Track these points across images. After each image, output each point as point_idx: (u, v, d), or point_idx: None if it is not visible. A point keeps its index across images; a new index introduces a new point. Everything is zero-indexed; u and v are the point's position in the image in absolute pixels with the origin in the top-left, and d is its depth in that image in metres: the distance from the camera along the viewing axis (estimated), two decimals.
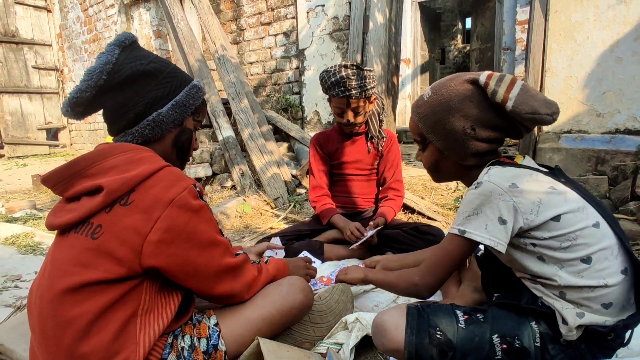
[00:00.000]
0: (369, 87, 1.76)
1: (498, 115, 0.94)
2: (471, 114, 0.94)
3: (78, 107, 0.92)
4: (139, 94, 0.94)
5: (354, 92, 1.74)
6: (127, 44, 0.95)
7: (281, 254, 1.60)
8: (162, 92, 0.97)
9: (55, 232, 0.92)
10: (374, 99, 1.86)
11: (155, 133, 0.96)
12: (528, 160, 0.99)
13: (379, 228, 1.77)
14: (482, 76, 0.92)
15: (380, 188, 2.05)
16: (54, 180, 0.88)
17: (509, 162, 0.98)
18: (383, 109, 1.96)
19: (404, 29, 5.88)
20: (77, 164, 0.87)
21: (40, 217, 2.98)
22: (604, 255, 0.87)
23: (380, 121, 1.95)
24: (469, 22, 10.12)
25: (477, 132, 0.94)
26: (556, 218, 0.87)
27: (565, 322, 0.88)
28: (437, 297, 1.45)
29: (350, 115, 1.82)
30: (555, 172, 0.97)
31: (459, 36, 11.22)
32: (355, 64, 1.75)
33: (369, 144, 1.96)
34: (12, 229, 2.59)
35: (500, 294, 1.04)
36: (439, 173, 1.08)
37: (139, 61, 0.94)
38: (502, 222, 0.88)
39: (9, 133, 7.15)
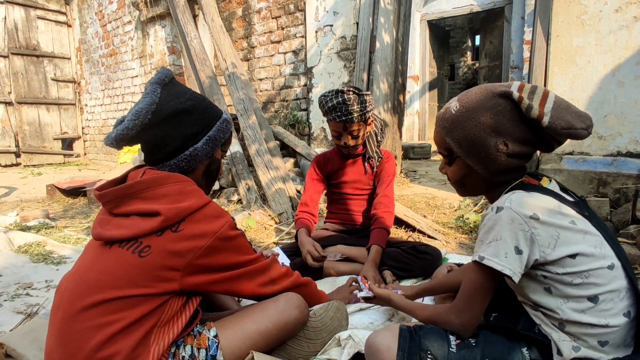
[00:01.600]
0: (365, 111, 1.79)
1: (531, 129, 0.91)
2: (504, 130, 0.90)
3: (122, 142, 1.01)
4: (177, 129, 1.04)
5: (350, 116, 1.78)
6: (167, 82, 1.06)
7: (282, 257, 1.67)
8: (198, 128, 1.07)
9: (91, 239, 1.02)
10: (372, 121, 1.91)
11: (190, 165, 1.07)
12: (554, 185, 0.97)
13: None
14: (514, 89, 0.89)
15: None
16: (110, 197, 0.97)
17: (534, 184, 0.96)
18: (382, 129, 2.01)
19: (413, 46, 5.98)
20: (134, 187, 0.96)
21: (53, 227, 3.08)
22: (611, 297, 0.87)
23: (379, 142, 2.00)
24: (478, 39, 10.22)
25: (510, 147, 0.91)
26: (572, 255, 0.86)
27: (560, 353, 0.89)
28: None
29: (347, 138, 1.87)
30: (579, 204, 0.94)
31: (469, 53, 11.31)
32: (352, 88, 1.78)
33: (366, 164, 2.01)
34: (26, 237, 2.68)
35: (498, 314, 1.04)
36: (465, 188, 1.05)
37: (177, 99, 1.04)
38: (518, 251, 0.86)
39: (26, 142, 7.38)
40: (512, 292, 1.02)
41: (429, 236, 2.48)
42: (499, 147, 0.91)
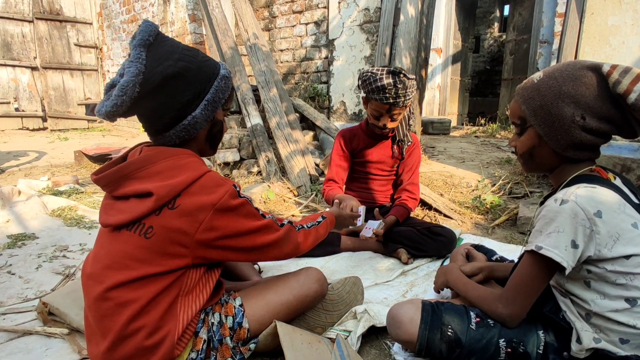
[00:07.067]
0: (411, 96, 1.77)
1: (615, 107, 0.88)
2: (584, 102, 0.88)
3: (114, 116, 0.95)
4: (171, 97, 0.95)
5: (398, 100, 1.74)
6: (151, 41, 0.93)
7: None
8: (193, 93, 0.98)
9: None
10: (409, 104, 1.88)
11: (191, 134, 1.02)
12: (619, 182, 0.96)
13: (383, 223, 1.84)
14: (606, 65, 0.87)
15: (397, 189, 2.12)
16: (105, 181, 0.97)
17: (604, 177, 0.94)
18: (412, 113, 2.01)
19: (437, 17, 5.78)
20: (126, 168, 0.95)
21: (83, 192, 3.23)
22: None
23: (409, 125, 2.00)
24: (507, 10, 9.75)
25: (587, 121, 0.88)
26: (627, 256, 0.86)
27: (579, 341, 0.91)
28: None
29: (387, 120, 1.85)
30: None
31: (496, 24, 10.83)
32: (402, 71, 1.74)
33: (395, 147, 2.02)
34: (58, 202, 2.83)
35: None
36: (532, 161, 1.02)
37: (166, 62, 0.93)
38: (575, 246, 0.86)
39: (52, 107, 7.56)
40: None
41: (444, 215, 2.52)
42: (575, 118, 0.88)
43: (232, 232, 0.97)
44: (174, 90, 0.95)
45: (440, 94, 6.50)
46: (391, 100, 1.74)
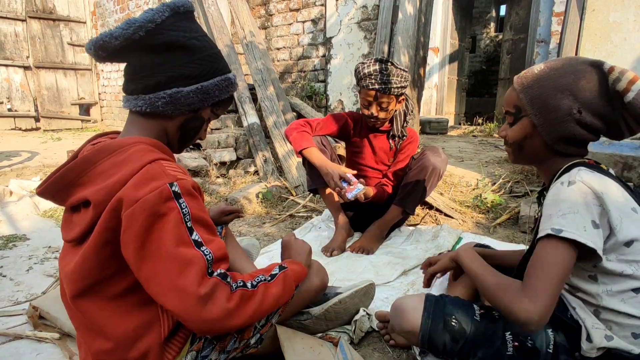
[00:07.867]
0: (398, 85, 1.79)
1: (610, 105, 0.89)
2: (582, 96, 0.89)
3: (103, 51, 0.85)
4: (168, 64, 0.89)
5: (383, 86, 1.78)
6: (180, 11, 0.89)
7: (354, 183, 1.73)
8: (191, 71, 0.91)
9: None
10: (403, 99, 1.90)
11: (167, 109, 0.90)
12: (611, 173, 0.96)
13: (363, 188, 1.75)
14: (607, 63, 0.89)
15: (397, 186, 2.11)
16: (51, 192, 0.87)
17: (595, 165, 0.93)
18: (412, 110, 2.00)
19: (435, 17, 5.75)
20: (67, 175, 0.85)
21: None
22: None
23: (406, 122, 1.99)
24: (503, 10, 9.79)
25: (583, 115, 0.89)
26: (628, 243, 0.85)
27: (590, 339, 0.88)
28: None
29: (375, 109, 1.87)
30: (636, 194, 0.92)
31: (492, 24, 10.86)
32: (391, 60, 1.81)
33: (390, 141, 2.01)
34: (50, 202, 2.77)
35: None
36: (521, 152, 1.01)
37: (183, 32, 0.89)
38: (596, 226, 0.83)
39: (45, 107, 7.46)
40: None
41: (445, 214, 2.48)
42: (572, 112, 0.89)
43: (146, 242, 0.77)
44: (175, 59, 0.89)
45: (438, 94, 6.48)
46: (377, 87, 1.78)
